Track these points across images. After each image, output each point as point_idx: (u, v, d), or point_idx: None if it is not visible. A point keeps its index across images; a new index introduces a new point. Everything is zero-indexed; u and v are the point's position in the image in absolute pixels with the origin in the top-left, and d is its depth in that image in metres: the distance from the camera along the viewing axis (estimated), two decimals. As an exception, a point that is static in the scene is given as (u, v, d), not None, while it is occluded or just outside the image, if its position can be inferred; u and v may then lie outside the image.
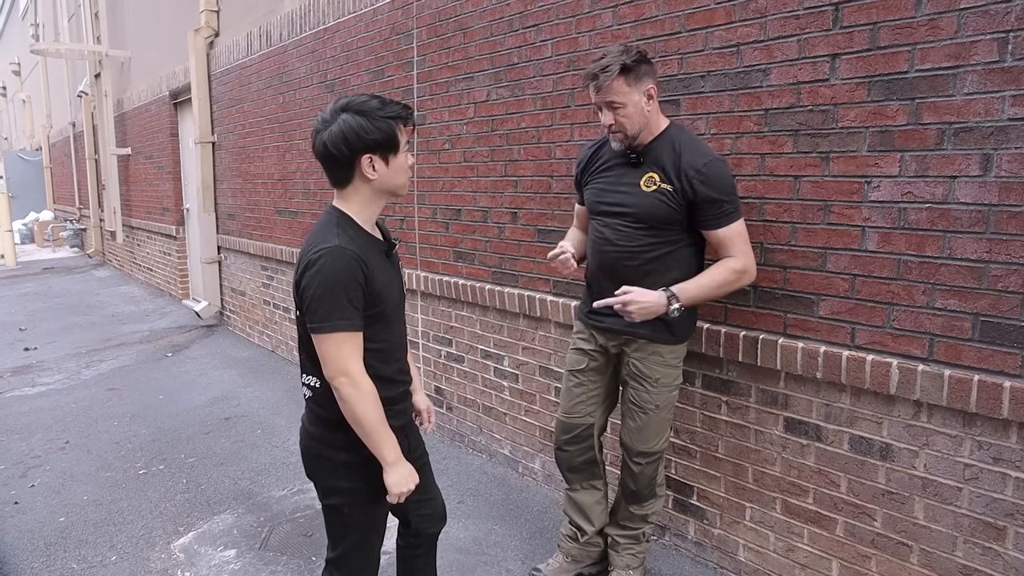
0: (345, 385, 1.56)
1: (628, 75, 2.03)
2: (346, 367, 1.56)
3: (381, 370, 1.67)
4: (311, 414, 1.73)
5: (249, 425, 4.12)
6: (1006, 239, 1.75)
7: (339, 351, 1.56)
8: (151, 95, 8.11)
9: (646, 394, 2.19)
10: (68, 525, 3.00)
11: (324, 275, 1.55)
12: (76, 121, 12.13)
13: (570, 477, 2.44)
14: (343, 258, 1.56)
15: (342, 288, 1.55)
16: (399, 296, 1.76)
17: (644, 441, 2.24)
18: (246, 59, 5.68)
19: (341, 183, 1.65)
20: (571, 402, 2.36)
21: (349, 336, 1.57)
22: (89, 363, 5.55)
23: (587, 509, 2.42)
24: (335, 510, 1.75)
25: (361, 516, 1.75)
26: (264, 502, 3.16)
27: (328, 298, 1.54)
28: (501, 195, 3.28)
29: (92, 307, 7.89)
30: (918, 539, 1.99)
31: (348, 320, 1.56)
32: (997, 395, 1.77)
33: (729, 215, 2.06)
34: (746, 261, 2.09)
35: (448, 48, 3.49)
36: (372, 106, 1.58)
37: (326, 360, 1.58)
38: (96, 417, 4.31)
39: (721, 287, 2.09)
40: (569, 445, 2.38)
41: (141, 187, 8.91)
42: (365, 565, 1.80)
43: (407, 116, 1.64)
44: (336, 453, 1.68)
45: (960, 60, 1.79)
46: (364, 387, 1.58)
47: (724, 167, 2.09)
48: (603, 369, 2.32)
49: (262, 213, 5.68)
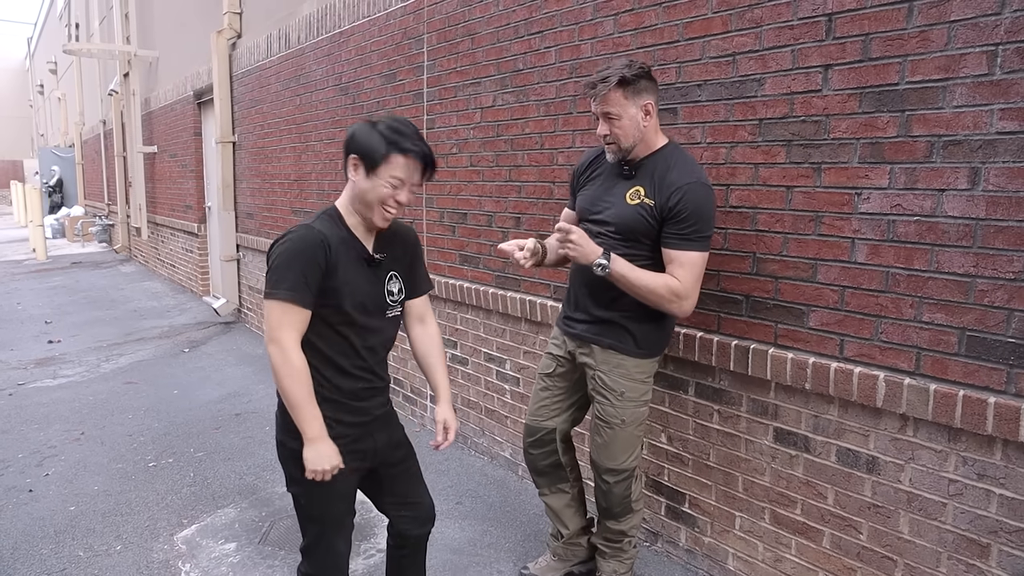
0: (275, 354, 1.62)
1: (626, 88, 2.04)
2: (280, 336, 1.61)
3: (335, 359, 1.72)
4: (279, 399, 1.75)
5: (258, 421, 4.21)
6: (992, 254, 1.74)
7: (278, 319, 1.62)
8: (176, 95, 8.29)
9: (611, 408, 2.18)
10: (78, 514, 3.09)
11: (286, 247, 1.64)
12: (106, 119, 12.44)
13: (537, 480, 2.48)
14: (309, 236, 1.64)
15: (299, 262, 1.62)
16: (371, 303, 1.76)
17: (612, 458, 2.23)
18: (266, 61, 5.79)
19: (345, 173, 1.74)
20: (536, 405, 2.40)
21: (291, 308, 1.62)
22: (109, 356, 5.69)
23: (559, 512, 2.46)
24: (295, 499, 1.81)
25: (317, 509, 1.78)
26: (267, 498, 3.23)
27: (283, 268, 1.62)
28: (505, 200, 3.32)
29: (116, 302, 8.09)
30: (903, 553, 1.98)
31: (294, 292, 1.61)
32: (982, 411, 1.76)
33: (690, 239, 2.01)
34: (687, 290, 2.01)
35: (457, 53, 3.54)
36: (390, 125, 1.67)
37: (266, 325, 1.64)
38: (112, 410, 4.43)
39: (649, 292, 2.01)
40: (533, 448, 2.42)
41: (166, 184, 9.11)
42: (328, 558, 1.83)
43: (408, 151, 1.65)
44: (291, 440, 1.72)
45: (950, 72, 1.78)
46: (293, 360, 1.62)
47: (707, 192, 2.05)
48: (569, 376, 2.33)
49: (279, 213, 5.78)
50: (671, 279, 2.03)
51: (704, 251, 2.05)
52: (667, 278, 2.03)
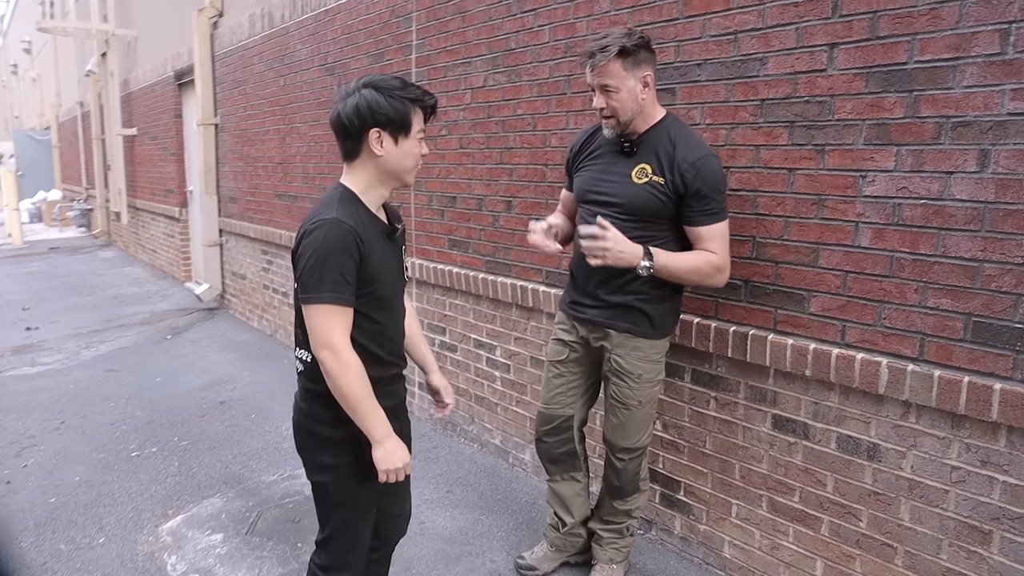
0: (329, 359, 1.54)
1: (626, 59, 1.98)
2: (330, 340, 1.54)
3: (373, 349, 1.65)
4: (302, 389, 1.71)
5: (244, 409, 4.13)
6: (1001, 238, 1.71)
7: (326, 323, 1.54)
8: (156, 75, 8.09)
9: (628, 390, 2.16)
10: (59, 506, 3.01)
11: (318, 245, 1.53)
12: (84, 101, 12.14)
13: (550, 468, 2.43)
14: (339, 230, 1.54)
15: (335, 260, 1.53)
16: (397, 280, 1.74)
17: (627, 437, 2.21)
18: (248, 40, 5.64)
19: (350, 156, 1.64)
20: (551, 393, 2.35)
21: (337, 309, 1.55)
22: (89, 344, 5.57)
23: (567, 500, 2.41)
24: (321, 487, 1.73)
25: (346, 494, 1.72)
26: (254, 487, 3.17)
27: (320, 269, 1.53)
28: (496, 183, 3.24)
29: (95, 288, 7.92)
30: (903, 541, 1.96)
31: (338, 293, 1.54)
32: (987, 397, 1.73)
33: (715, 213, 2.02)
34: (724, 262, 2.05)
35: (447, 32, 3.44)
36: (392, 84, 1.59)
37: (313, 331, 1.56)
38: (93, 398, 4.33)
39: (692, 273, 2.05)
40: (548, 436, 2.37)
41: (146, 168, 8.91)
42: (351, 548, 1.76)
43: (425, 101, 1.62)
44: (323, 428, 1.67)
45: (960, 52, 1.74)
46: (348, 361, 1.55)
47: (718, 163, 2.04)
48: (583, 361, 2.29)
49: (263, 197, 5.66)
50: (709, 255, 2.03)
51: (727, 218, 2.06)
52: (705, 255, 2.03)
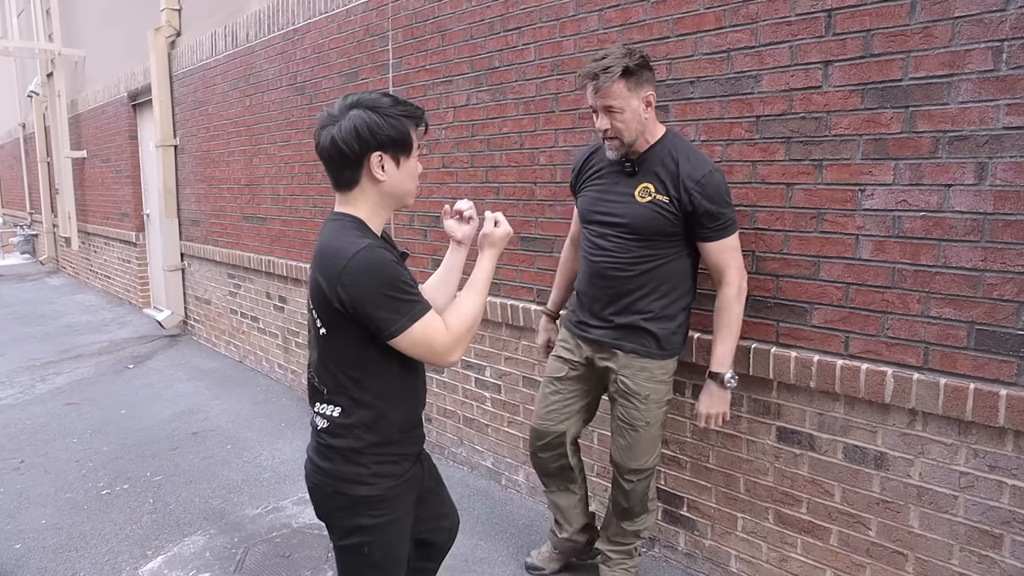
0: (459, 349, 1.50)
1: (629, 79, 1.97)
2: (445, 346, 1.47)
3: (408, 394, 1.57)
4: (324, 447, 1.54)
5: (218, 440, 3.96)
6: (1001, 247, 1.76)
7: (430, 337, 1.45)
8: (108, 96, 7.82)
9: (636, 411, 2.14)
10: (25, 552, 2.82)
11: (374, 276, 1.41)
12: (26, 122, 11.67)
13: (546, 481, 2.46)
14: (378, 254, 1.43)
15: (398, 280, 1.43)
16: None
17: (635, 459, 2.19)
18: (210, 60, 5.51)
19: (347, 185, 1.50)
20: (545, 409, 2.33)
21: (429, 316, 1.45)
22: (44, 376, 5.29)
23: (564, 511, 2.45)
24: (354, 550, 1.58)
25: (384, 554, 1.59)
26: (237, 521, 3.03)
27: (391, 299, 1.42)
28: (482, 202, 3.21)
29: (46, 317, 7.56)
30: (913, 548, 1.98)
31: (419, 302, 1.45)
32: (993, 403, 1.78)
33: (727, 228, 2.04)
34: (740, 277, 2.08)
35: (426, 51, 3.42)
36: (384, 102, 1.48)
37: (427, 352, 1.47)
38: (53, 434, 4.10)
39: (738, 319, 2.09)
40: (542, 452, 2.37)
41: (98, 191, 8.58)
42: None
43: (420, 117, 1.52)
44: (355, 488, 1.53)
45: (955, 68, 1.79)
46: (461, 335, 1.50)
47: (721, 177, 2.06)
48: (583, 380, 2.28)
49: (228, 219, 5.50)
50: (726, 290, 2.06)
51: (737, 229, 2.08)
52: (726, 296, 2.06)
